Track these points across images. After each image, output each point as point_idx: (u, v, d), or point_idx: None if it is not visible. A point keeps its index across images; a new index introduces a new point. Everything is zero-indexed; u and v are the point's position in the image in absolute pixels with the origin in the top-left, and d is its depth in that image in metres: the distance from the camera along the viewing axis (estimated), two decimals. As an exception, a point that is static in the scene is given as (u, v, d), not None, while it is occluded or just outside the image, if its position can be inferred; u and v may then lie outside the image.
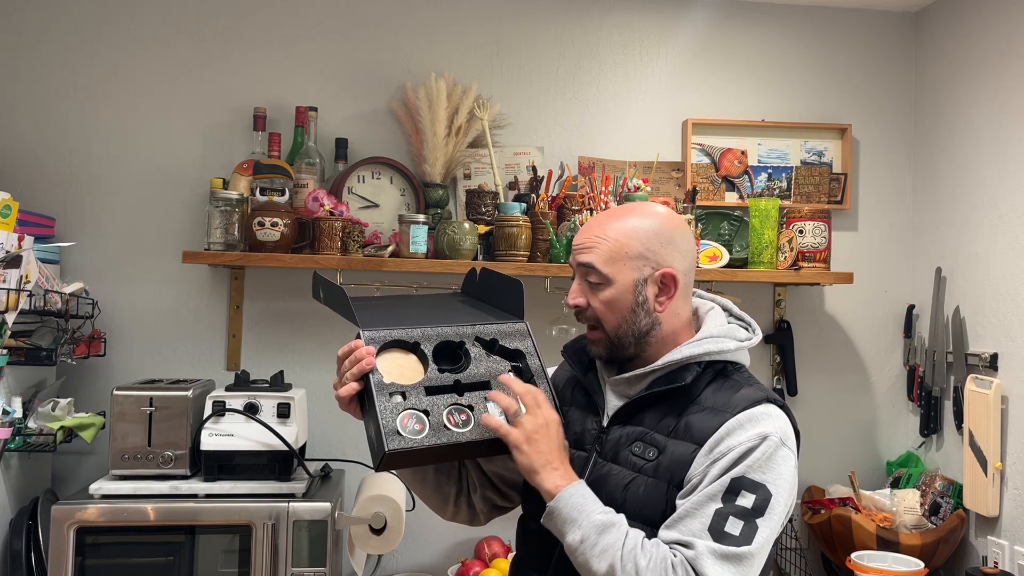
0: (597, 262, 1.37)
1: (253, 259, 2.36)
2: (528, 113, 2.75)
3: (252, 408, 2.16)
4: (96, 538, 2.04)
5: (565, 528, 1.27)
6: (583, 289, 1.40)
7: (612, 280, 1.37)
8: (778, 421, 1.31)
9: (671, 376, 1.38)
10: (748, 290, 2.78)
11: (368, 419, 1.35)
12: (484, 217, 2.54)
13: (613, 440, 1.39)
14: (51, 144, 2.55)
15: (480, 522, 1.59)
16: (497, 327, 1.46)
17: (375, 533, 2.17)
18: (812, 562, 2.76)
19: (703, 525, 1.23)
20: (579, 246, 1.41)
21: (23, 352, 2.14)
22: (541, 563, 1.41)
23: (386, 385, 1.33)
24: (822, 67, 2.89)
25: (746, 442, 1.27)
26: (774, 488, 1.25)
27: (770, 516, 1.25)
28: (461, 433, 1.33)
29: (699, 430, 1.32)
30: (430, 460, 1.43)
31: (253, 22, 2.64)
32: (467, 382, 1.38)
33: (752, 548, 1.22)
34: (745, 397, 1.33)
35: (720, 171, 2.81)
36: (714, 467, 1.27)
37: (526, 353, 1.44)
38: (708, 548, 1.21)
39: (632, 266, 1.37)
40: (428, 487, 1.52)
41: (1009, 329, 2.45)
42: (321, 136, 2.60)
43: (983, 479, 2.44)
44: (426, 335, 1.41)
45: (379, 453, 1.29)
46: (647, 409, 1.38)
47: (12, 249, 2.02)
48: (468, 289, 1.64)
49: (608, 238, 1.38)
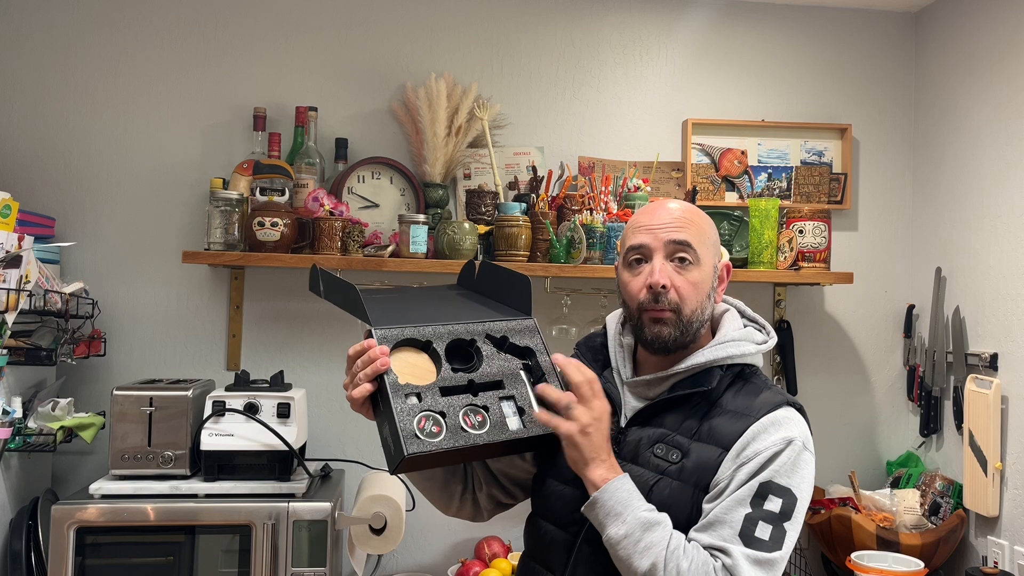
0: (694, 240, 1.37)
1: (253, 259, 2.36)
2: (528, 113, 2.75)
3: (252, 408, 2.16)
4: (96, 538, 2.04)
5: (608, 521, 1.26)
6: (669, 269, 1.37)
7: (702, 261, 1.38)
8: (800, 425, 1.32)
9: (695, 379, 1.38)
10: (748, 290, 2.78)
11: (382, 421, 1.32)
12: (484, 217, 2.54)
13: (633, 441, 1.37)
14: (51, 144, 2.55)
15: (483, 518, 1.58)
16: (506, 324, 1.43)
17: (375, 533, 2.17)
18: (812, 562, 2.76)
19: (734, 531, 1.24)
20: (664, 225, 1.38)
21: (23, 352, 2.14)
22: (557, 563, 1.39)
23: (401, 386, 1.30)
24: (822, 67, 2.89)
25: (772, 447, 1.28)
26: (799, 492, 1.27)
27: (795, 520, 1.27)
28: (478, 435, 1.30)
29: (724, 434, 1.32)
30: (446, 462, 1.41)
31: (253, 22, 2.64)
32: (480, 382, 1.36)
33: (782, 553, 1.24)
34: (767, 401, 1.34)
35: (720, 171, 2.81)
36: (741, 471, 1.27)
37: (536, 351, 1.42)
38: (744, 554, 1.22)
39: (712, 252, 1.41)
40: (435, 485, 1.50)
41: (1009, 329, 2.45)
42: (321, 136, 2.60)
43: (983, 479, 2.44)
44: (437, 333, 1.38)
45: (397, 457, 1.26)
46: (667, 411, 1.38)
47: (12, 249, 2.02)
48: (466, 283, 1.60)
49: (693, 221, 1.40)
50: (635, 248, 1.40)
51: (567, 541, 1.37)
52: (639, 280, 1.38)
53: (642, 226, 1.40)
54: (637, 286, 1.38)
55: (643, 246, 1.39)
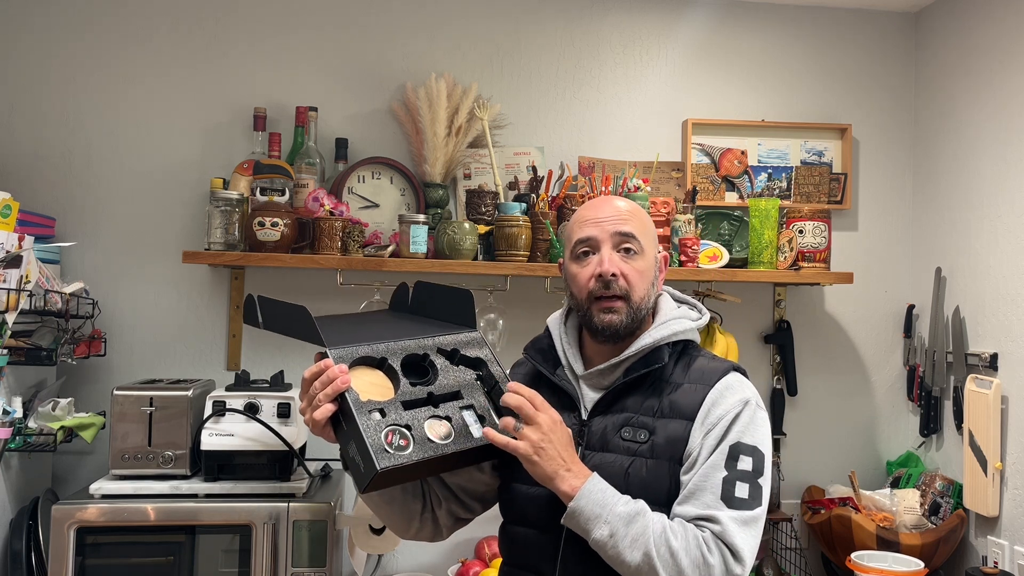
0: (637, 232, 1.45)
1: (253, 259, 2.36)
2: (528, 113, 2.75)
3: (252, 408, 2.16)
4: (96, 538, 2.04)
5: (590, 526, 1.28)
6: (617, 259, 1.44)
7: (645, 251, 1.46)
8: (750, 387, 1.43)
9: (646, 360, 1.44)
10: (748, 290, 2.78)
11: (346, 440, 1.31)
12: (484, 217, 2.54)
13: (598, 431, 1.41)
14: (51, 144, 2.55)
15: (442, 537, 1.59)
16: (454, 337, 1.46)
17: (375, 533, 2.18)
18: (812, 562, 2.76)
19: (715, 495, 1.30)
20: (610, 218, 1.46)
21: (23, 352, 2.14)
22: (544, 564, 1.40)
23: (364, 403, 1.30)
24: (822, 67, 2.89)
25: (732, 408, 1.37)
26: (764, 448, 1.37)
27: (766, 475, 1.36)
28: (445, 445, 1.32)
29: (685, 405, 1.39)
30: (416, 475, 1.42)
31: (254, 22, 2.64)
32: (439, 393, 1.38)
33: (762, 508, 1.33)
34: (715, 369, 1.44)
35: (720, 171, 2.81)
36: (709, 437, 1.35)
37: (486, 361, 1.45)
38: (730, 518, 1.28)
39: (654, 243, 1.50)
40: (395, 507, 1.50)
41: (1009, 329, 2.45)
42: (321, 136, 2.60)
43: (983, 479, 2.44)
44: (391, 350, 1.40)
45: (368, 474, 1.25)
46: (625, 396, 1.43)
47: (12, 249, 2.02)
48: (399, 306, 1.62)
49: (636, 215, 1.48)
50: (583, 241, 1.47)
51: (550, 541, 1.39)
52: (588, 270, 1.45)
53: (588, 220, 1.48)
54: (586, 276, 1.45)
55: (591, 238, 1.46)
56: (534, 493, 1.42)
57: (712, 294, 2.61)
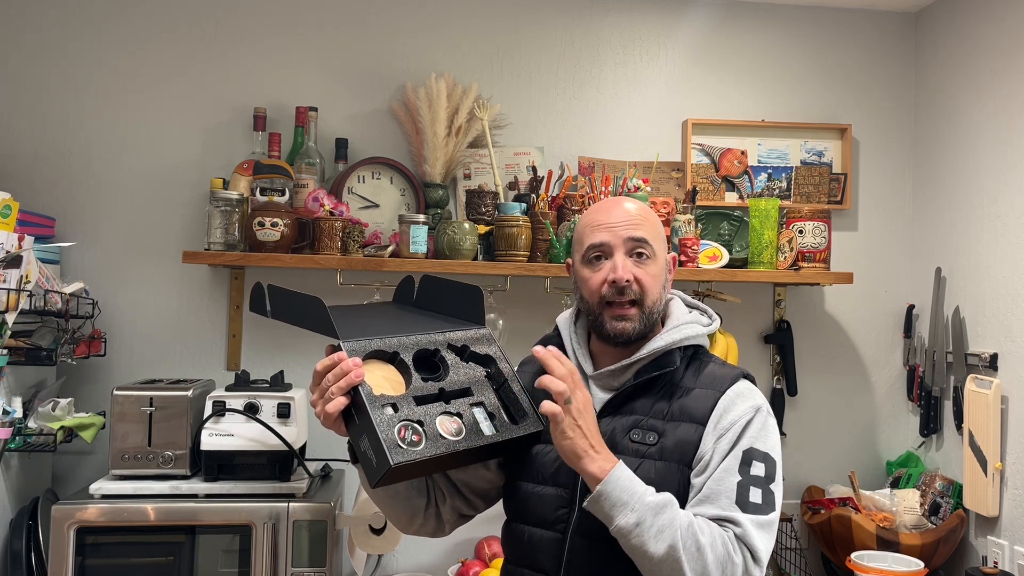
0: (650, 237, 1.44)
1: (253, 259, 2.36)
2: (528, 113, 2.75)
3: (252, 408, 2.16)
4: (96, 538, 2.04)
5: (615, 512, 1.26)
6: (630, 264, 1.43)
7: (657, 255, 1.45)
8: (759, 394, 1.43)
9: (658, 363, 1.44)
10: (748, 290, 2.78)
11: (358, 434, 1.29)
12: (484, 217, 2.54)
13: (607, 432, 1.40)
14: (51, 144, 2.55)
15: (444, 533, 1.58)
16: (464, 334, 1.46)
17: (375, 533, 2.17)
18: (812, 562, 2.76)
19: (731, 499, 1.30)
20: (622, 223, 1.44)
21: (23, 352, 2.14)
22: (548, 563, 1.39)
23: (377, 397, 1.29)
24: (822, 67, 2.89)
25: (744, 414, 1.37)
26: (775, 454, 1.37)
27: (778, 481, 1.35)
28: (457, 442, 1.31)
29: (696, 410, 1.39)
30: (427, 471, 1.41)
31: (253, 22, 2.64)
32: (451, 390, 1.37)
33: (776, 513, 1.33)
34: (726, 375, 1.43)
35: (720, 171, 2.81)
36: (722, 441, 1.35)
37: (496, 358, 1.45)
38: (750, 520, 1.28)
39: (663, 245, 1.49)
40: (399, 501, 1.49)
41: (1009, 329, 2.45)
42: (321, 136, 2.60)
43: (983, 479, 2.44)
44: (403, 344, 1.39)
45: (381, 469, 1.24)
46: (635, 398, 1.43)
47: (12, 249, 2.02)
48: (403, 299, 1.61)
49: (648, 218, 1.47)
50: (595, 246, 1.45)
51: (555, 539, 1.38)
52: (600, 276, 1.44)
53: (600, 224, 1.46)
54: (598, 281, 1.44)
55: (603, 244, 1.45)
56: (540, 491, 1.42)
57: (712, 294, 2.61)
